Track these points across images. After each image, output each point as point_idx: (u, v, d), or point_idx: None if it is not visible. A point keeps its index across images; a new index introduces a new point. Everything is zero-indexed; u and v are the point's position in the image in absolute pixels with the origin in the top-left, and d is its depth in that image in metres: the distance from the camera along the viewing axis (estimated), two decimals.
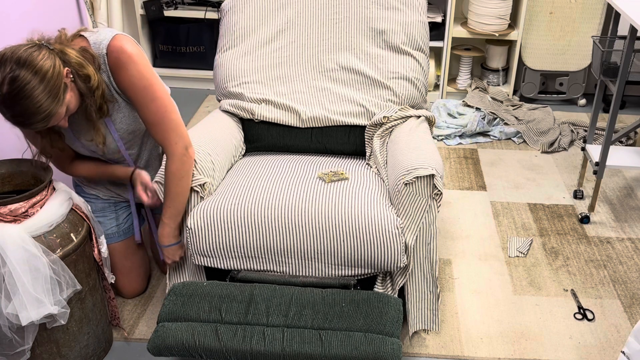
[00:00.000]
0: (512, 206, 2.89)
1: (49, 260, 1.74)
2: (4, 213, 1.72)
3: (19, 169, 1.93)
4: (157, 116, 1.91)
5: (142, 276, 2.32)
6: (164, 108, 1.91)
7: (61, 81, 1.68)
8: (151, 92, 1.88)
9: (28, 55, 1.63)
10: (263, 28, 2.44)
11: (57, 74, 1.67)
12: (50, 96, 1.65)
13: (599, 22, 3.65)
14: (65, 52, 1.73)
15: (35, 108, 1.63)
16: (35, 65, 1.62)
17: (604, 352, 2.10)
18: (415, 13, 2.42)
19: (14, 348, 1.82)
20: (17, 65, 1.61)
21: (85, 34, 1.86)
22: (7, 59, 1.62)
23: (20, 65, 1.61)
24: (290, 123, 2.35)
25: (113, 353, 2.11)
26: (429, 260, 2.00)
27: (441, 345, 2.13)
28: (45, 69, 1.64)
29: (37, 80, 1.62)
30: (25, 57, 1.62)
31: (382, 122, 2.29)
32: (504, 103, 3.73)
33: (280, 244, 1.95)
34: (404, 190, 1.93)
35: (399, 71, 2.37)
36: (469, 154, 3.34)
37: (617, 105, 2.57)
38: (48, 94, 1.65)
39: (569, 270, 2.48)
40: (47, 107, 1.66)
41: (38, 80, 1.62)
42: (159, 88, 1.90)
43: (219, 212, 1.96)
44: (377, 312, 1.77)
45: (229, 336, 1.71)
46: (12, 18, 2.27)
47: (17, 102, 1.62)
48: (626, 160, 2.73)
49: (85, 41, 1.85)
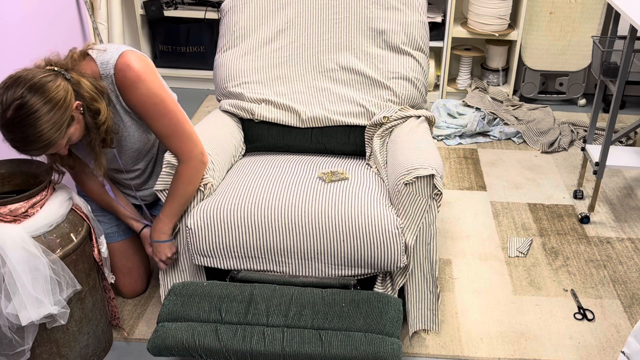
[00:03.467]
0: (512, 206, 2.89)
1: (49, 260, 1.74)
2: (4, 213, 1.72)
3: (19, 169, 1.93)
4: (170, 129, 1.92)
5: (142, 276, 2.32)
6: (176, 120, 1.92)
7: (68, 114, 1.68)
8: (162, 107, 1.88)
9: (43, 83, 1.62)
10: (263, 28, 2.44)
11: (67, 107, 1.66)
12: (53, 128, 1.64)
13: (599, 22, 3.65)
14: (81, 85, 1.72)
15: (35, 137, 1.63)
16: (46, 95, 1.62)
17: (604, 352, 2.11)
18: (415, 13, 2.42)
19: (14, 348, 1.82)
20: (29, 90, 1.60)
21: (92, 52, 1.84)
22: (21, 81, 1.61)
23: (33, 91, 1.60)
24: (290, 123, 2.35)
25: (113, 353, 2.11)
26: (429, 260, 2.00)
27: (441, 345, 2.13)
28: (55, 101, 1.63)
29: (45, 111, 1.61)
30: (40, 85, 1.61)
31: (382, 122, 2.29)
32: (504, 103, 3.73)
33: (280, 244, 1.95)
34: (404, 190, 1.93)
35: (399, 71, 2.37)
36: (469, 154, 3.34)
37: (617, 105, 2.57)
38: (52, 125, 1.64)
39: (569, 270, 2.48)
40: (48, 138, 1.65)
41: (45, 110, 1.61)
42: (170, 102, 1.90)
43: (219, 212, 1.96)
44: (377, 312, 1.77)
45: (229, 336, 1.71)
46: (13, 18, 2.27)
47: (19, 129, 1.61)
48: (626, 160, 2.73)
49: (93, 62, 1.83)
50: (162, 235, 2.02)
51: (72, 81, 1.70)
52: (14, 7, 2.28)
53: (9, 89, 1.61)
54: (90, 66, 1.82)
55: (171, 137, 1.93)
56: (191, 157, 1.95)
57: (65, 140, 1.72)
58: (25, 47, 2.32)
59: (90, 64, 1.83)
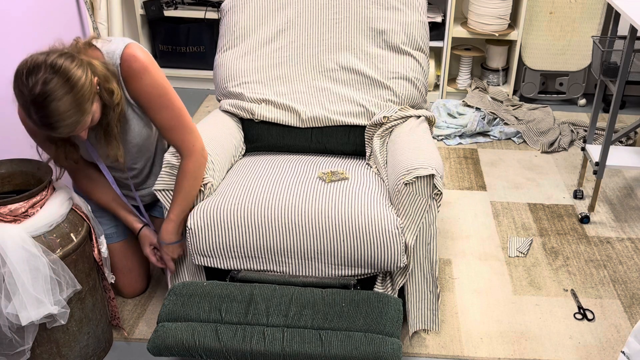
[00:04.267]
0: (512, 206, 2.89)
1: (49, 260, 1.74)
2: (4, 213, 1.72)
3: (19, 169, 1.93)
4: (173, 122, 1.93)
5: (142, 276, 2.32)
6: (179, 112, 1.93)
7: (92, 90, 1.69)
8: (166, 99, 1.90)
9: (62, 62, 1.63)
10: (263, 28, 2.44)
11: (90, 82, 1.67)
12: (80, 102, 1.65)
13: (599, 22, 3.65)
14: (93, 64, 1.73)
15: (64, 112, 1.63)
16: (69, 72, 1.62)
17: (604, 352, 2.11)
18: (415, 13, 2.42)
19: (14, 348, 1.82)
20: (52, 70, 1.61)
21: (97, 43, 1.85)
22: (42, 64, 1.61)
23: (55, 71, 1.61)
24: (290, 123, 2.35)
25: (113, 353, 2.11)
26: (429, 260, 2.00)
27: (441, 345, 2.13)
28: (78, 76, 1.64)
29: (70, 86, 1.62)
30: (60, 64, 1.62)
31: (382, 122, 2.29)
32: (504, 103, 3.73)
33: (280, 244, 1.95)
34: (404, 190, 1.93)
35: (399, 71, 2.37)
36: (469, 154, 3.34)
37: (617, 105, 2.57)
38: (79, 100, 1.64)
39: (569, 270, 2.48)
40: (76, 113, 1.65)
41: (70, 86, 1.62)
42: (173, 94, 1.92)
43: (219, 212, 1.96)
44: (377, 312, 1.77)
45: (229, 336, 1.71)
46: (13, 18, 2.27)
47: (47, 105, 1.61)
48: (626, 160, 2.73)
49: (98, 51, 1.83)
50: (173, 236, 2.03)
51: (85, 61, 1.71)
52: (15, 7, 2.28)
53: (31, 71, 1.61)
54: (96, 55, 1.82)
55: (174, 130, 1.94)
56: (194, 151, 1.96)
57: (90, 118, 1.72)
58: (25, 47, 2.32)
59: (95, 52, 1.83)
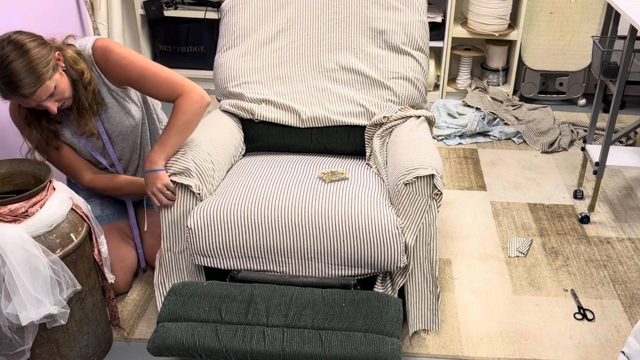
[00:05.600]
0: (512, 206, 2.89)
1: (49, 260, 1.74)
2: (4, 213, 1.72)
3: (19, 169, 1.93)
4: (155, 79, 2.01)
5: (124, 270, 2.28)
6: (161, 69, 2.03)
7: (50, 60, 1.84)
8: (139, 65, 2.01)
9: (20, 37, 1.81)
10: (263, 28, 2.44)
11: (47, 53, 1.83)
12: (34, 66, 1.79)
13: (599, 22, 3.65)
14: (62, 49, 1.93)
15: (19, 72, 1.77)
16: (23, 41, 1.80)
17: (604, 352, 2.11)
18: (415, 13, 2.42)
19: (14, 348, 1.82)
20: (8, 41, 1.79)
21: (71, 41, 2.03)
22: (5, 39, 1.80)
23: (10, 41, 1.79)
24: (290, 123, 2.35)
25: (113, 353, 2.11)
26: (429, 260, 2.00)
27: (441, 345, 2.13)
28: (32, 46, 1.81)
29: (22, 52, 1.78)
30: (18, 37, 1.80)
31: (382, 122, 2.29)
32: (504, 103, 3.73)
33: (280, 244, 1.95)
34: (404, 190, 1.93)
35: (399, 71, 2.37)
36: (469, 154, 3.34)
37: (617, 105, 2.57)
38: (32, 63, 1.78)
39: (569, 270, 2.48)
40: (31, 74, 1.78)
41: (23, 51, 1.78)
42: (145, 60, 2.04)
43: (219, 212, 1.96)
44: (377, 312, 1.77)
45: (229, 336, 1.71)
46: (13, 18, 2.27)
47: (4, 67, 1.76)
48: (626, 160, 2.73)
49: (72, 46, 2.00)
50: (153, 164, 2.00)
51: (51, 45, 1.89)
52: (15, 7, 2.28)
53: None
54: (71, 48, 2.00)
55: (160, 87, 2.02)
56: (185, 90, 2.02)
57: (53, 85, 1.85)
58: None
59: (70, 46, 2.00)
